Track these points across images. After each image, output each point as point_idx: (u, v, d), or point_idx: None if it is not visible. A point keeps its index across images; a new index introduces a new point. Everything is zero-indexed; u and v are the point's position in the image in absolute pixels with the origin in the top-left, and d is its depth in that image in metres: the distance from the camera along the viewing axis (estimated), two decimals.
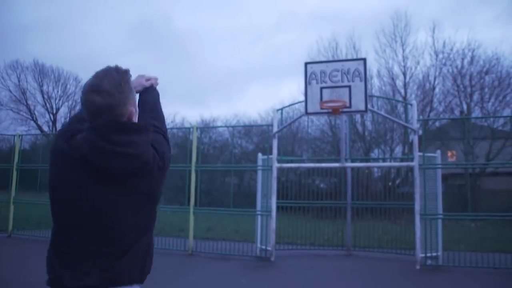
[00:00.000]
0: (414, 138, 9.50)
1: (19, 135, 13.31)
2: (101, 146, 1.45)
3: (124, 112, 1.53)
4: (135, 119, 1.63)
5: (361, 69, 9.18)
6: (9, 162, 12.95)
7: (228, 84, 58.41)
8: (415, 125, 9.41)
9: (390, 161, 17.28)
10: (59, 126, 37.94)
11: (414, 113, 9.54)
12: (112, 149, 1.45)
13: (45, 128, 37.75)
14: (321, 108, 9.17)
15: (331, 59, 22.68)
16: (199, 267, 8.84)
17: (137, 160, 1.49)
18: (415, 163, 9.19)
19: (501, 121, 22.82)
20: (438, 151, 10.11)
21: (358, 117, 22.02)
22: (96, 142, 1.46)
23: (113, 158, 1.46)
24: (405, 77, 24.38)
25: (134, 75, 1.74)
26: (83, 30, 55.24)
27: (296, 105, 14.07)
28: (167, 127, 1.85)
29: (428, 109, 23.99)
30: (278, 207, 10.05)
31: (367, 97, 9.12)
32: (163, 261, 9.21)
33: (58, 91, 38.32)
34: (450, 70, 24.11)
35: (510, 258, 8.98)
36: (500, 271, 8.45)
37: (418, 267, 8.77)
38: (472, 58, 23.57)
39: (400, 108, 21.84)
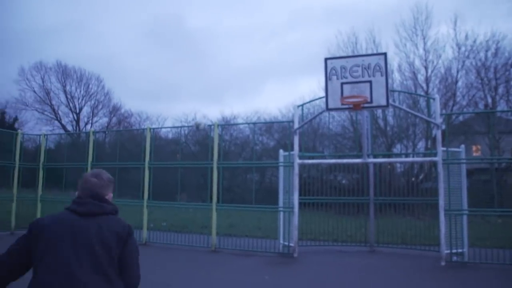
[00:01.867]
0: (437, 133, 9.37)
1: (44, 135, 13.66)
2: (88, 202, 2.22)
3: (106, 194, 2.31)
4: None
5: (382, 63, 9.08)
6: (35, 161, 13.29)
7: (244, 82, 58.56)
8: (438, 119, 9.28)
9: (413, 156, 17.09)
10: (82, 125, 38.71)
11: (436, 107, 9.41)
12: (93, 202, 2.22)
13: (69, 127, 38.55)
14: (342, 104, 9.11)
15: (351, 54, 22.45)
16: (222, 263, 8.92)
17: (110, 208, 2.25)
18: (438, 158, 9.07)
19: None
20: (462, 146, 9.95)
21: (379, 112, 21.78)
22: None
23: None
24: (426, 71, 23.93)
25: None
26: (101, 31, 56.19)
27: (317, 101, 13.99)
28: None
29: (451, 103, 23.50)
30: (300, 204, 10.05)
31: (388, 91, 9.02)
32: (187, 257, 9.34)
33: (80, 91, 39.12)
34: (474, 63, 23.56)
35: None
36: None
37: (443, 263, 8.67)
38: (497, 50, 22.98)
39: (422, 102, 21.52)
